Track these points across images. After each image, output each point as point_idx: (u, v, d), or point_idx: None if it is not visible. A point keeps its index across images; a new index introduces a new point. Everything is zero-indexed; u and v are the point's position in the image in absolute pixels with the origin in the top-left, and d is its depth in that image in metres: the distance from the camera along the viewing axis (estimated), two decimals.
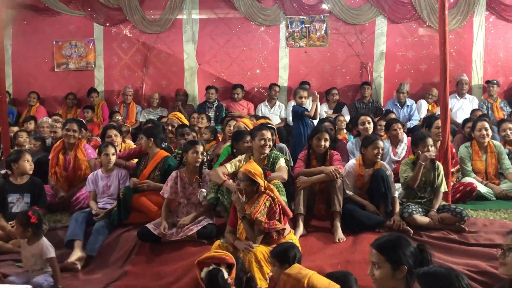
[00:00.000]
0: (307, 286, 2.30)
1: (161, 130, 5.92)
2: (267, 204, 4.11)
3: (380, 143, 5.11)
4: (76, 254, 4.69)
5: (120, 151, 6.19)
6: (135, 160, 5.94)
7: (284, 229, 4.19)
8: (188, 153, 5.01)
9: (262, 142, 5.00)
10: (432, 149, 5.11)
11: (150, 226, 4.80)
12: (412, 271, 2.62)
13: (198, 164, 5.04)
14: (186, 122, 7.35)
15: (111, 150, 5.51)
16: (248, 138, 5.41)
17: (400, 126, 6.63)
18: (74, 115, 9.49)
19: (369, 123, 6.23)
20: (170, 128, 6.99)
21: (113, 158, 5.52)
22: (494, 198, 5.82)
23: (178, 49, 9.96)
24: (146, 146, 5.63)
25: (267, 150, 5.06)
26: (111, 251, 4.87)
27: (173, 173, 5.05)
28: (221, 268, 3.22)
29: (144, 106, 9.93)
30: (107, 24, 10.06)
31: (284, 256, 3.46)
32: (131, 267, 4.56)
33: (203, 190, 4.93)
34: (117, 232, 5.09)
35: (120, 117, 9.01)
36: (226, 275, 3.16)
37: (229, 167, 4.99)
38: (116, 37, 10.10)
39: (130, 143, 6.89)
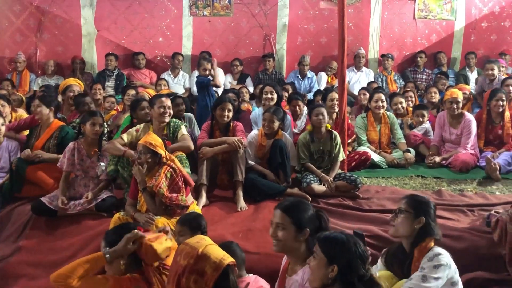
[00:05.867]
0: (201, 254, 2.33)
1: (56, 98, 5.61)
2: (168, 175, 4.06)
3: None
4: None
5: (10, 121, 5.82)
6: (26, 132, 5.61)
7: (188, 206, 4.17)
8: (86, 124, 4.79)
9: (162, 110, 4.88)
10: (322, 117, 5.24)
11: (45, 199, 4.58)
12: (312, 235, 2.76)
13: (96, 137, 4.85)
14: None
15: None
16: (146, 104, 5.31)
17: (300, 103, 6.69)
18: None
19: (272, 93, 6.16)
20: (71, 94, 6.53)
21: (2, 129, 5.20)
22: (386, 166, 6.11)
23: (75, 14, 9.36)
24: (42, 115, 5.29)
25: (167, 119, 4.95)
26: (3, 226, 4.64)
27: (70, 144, 4.81)
28: None
29: (38, 74, 9.33)
30: None
31: (195, 223, 3.44)
32: (26, 241, 4.37)
33: (102, 164, 4.77)
34: (10, 207, 4.83)
35: (10, 86, 8.42)
36: None
37: (126, 138, 4.85)
38: None
39: (23, 113, 6.47)
